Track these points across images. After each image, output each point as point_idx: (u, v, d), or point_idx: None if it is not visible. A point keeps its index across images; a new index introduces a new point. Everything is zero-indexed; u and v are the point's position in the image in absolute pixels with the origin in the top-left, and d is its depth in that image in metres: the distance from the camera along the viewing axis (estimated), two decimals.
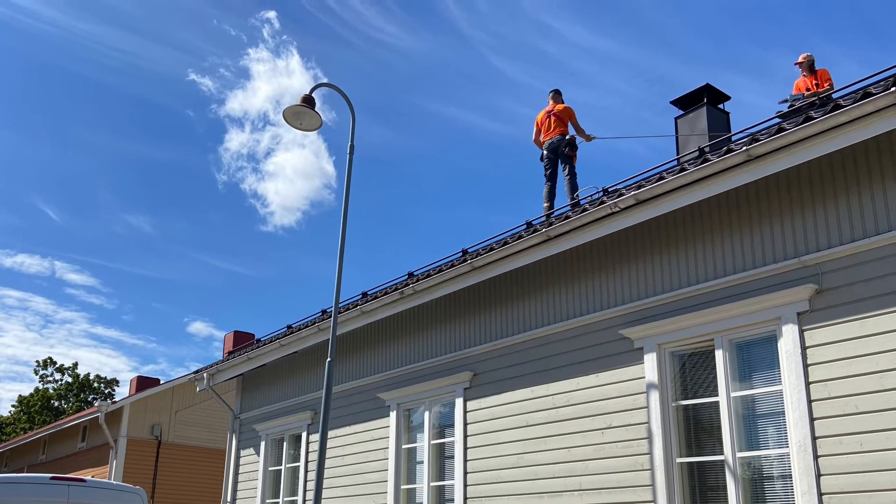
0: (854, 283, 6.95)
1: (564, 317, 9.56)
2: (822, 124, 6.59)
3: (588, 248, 9.39)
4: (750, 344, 7.79)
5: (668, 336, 8.36)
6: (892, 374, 6.55)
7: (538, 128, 13.04)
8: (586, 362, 9.16)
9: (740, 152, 7.14)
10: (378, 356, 12.68)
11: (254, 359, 14.88)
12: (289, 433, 14.62)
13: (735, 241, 7.95)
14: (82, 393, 55.43)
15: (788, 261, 7.44)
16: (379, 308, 11.68)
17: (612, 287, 9.11)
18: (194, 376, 16.81)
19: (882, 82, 6.44)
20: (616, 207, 8.31)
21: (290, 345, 13.79)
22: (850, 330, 6.90)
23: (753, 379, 7.69)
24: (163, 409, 27.38)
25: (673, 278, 8.48)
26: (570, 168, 12.45)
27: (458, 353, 11.00)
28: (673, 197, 7.91)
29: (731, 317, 7.80)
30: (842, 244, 7.08)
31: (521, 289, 10.28)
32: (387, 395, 12.07)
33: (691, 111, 12.76)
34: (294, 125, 9.81)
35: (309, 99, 9.82)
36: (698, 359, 8.21)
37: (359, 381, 12.89)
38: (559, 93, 13.16)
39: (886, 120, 6.28)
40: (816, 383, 7.03)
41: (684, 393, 8.27)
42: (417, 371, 11.71)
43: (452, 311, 11.33)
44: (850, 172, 7.14)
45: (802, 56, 12.24)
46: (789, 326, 7.30)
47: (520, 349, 10.08)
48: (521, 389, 9.89)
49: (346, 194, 9.81)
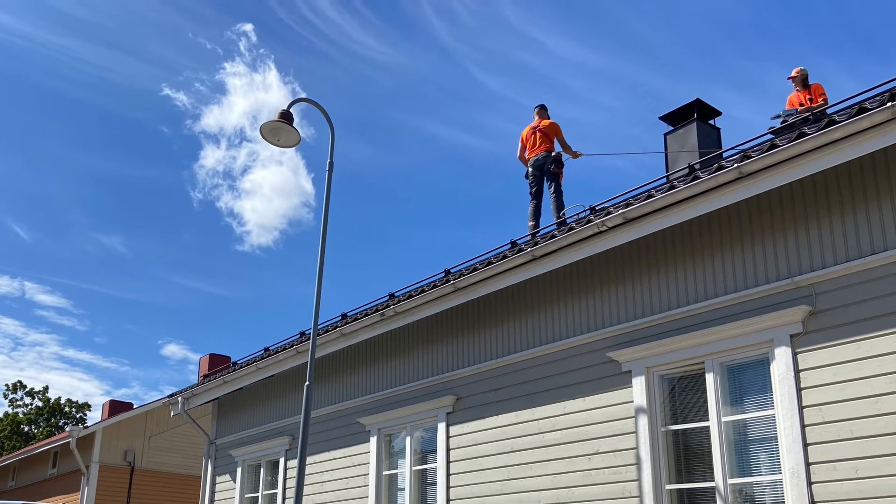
0: (849, 305, 6.92)
1: (550, 339, 9.52)
2: (816, 140, 6.56)
3: (575, 268, 9.35)
4: (741, 367, 7.76)
5: (657, 359, 8.32)
6: (889, 399, 6.51)
7: (523, 144, 13.02)
8: (573, 386, 9.10)
9: (731, 169, 7.11)
10: (358, 380, 12.61)
11: (230, 382, 14.80)
12: (266, 459, 14.52)
13: (726, 261, 7.92)
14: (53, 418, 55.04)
15: (781, 281, 7.40)
16: (359, 330, 11.61)
17: (599, 308, 9.07)
18: (168, 400, 16.73)
19: (878, 97, 6.44)
20: (603, 226, 8.26)
21: (268, 368, 13.70)
22: (845, 353, 6.86)
23: (745, 403, 7.64)
24: (136, 434, 27.27)
25: (662, 299, 8.44)
26: (557, 186, 12.44)
27: (440, 376, 10.95)
28: (662, 215, 7.86)
29: (722, 339, 7.76)
30: (836, 264, 7.05)
31: (505, 310, 10.23)
32: (367, 419, 11.99)
33: (681, 127, 12.77)
34: (271, 141, 9.75)
35: (287, 114, 9.76)
36: (688, 382, 8.16)
37: (338, 406, 12.83)
38: (545, 108, 13.17)
39: (882, 136, 6.27)
40: (810, 408, 6.98)
41: (674, 418, 8.22)
42: (399, 395, 11.65)
43: (435, 333, 11.28)
44: (845, 190, 7.12)
45: (796, 70, 12.25)
46: (782, 349, 7.26)
47: (504, 373, 10.02)
48: (505, 414, 9.83)
49: (326, 213, 9.79)
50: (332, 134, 10.08)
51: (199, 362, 23.62)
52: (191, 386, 15.99)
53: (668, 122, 13.02)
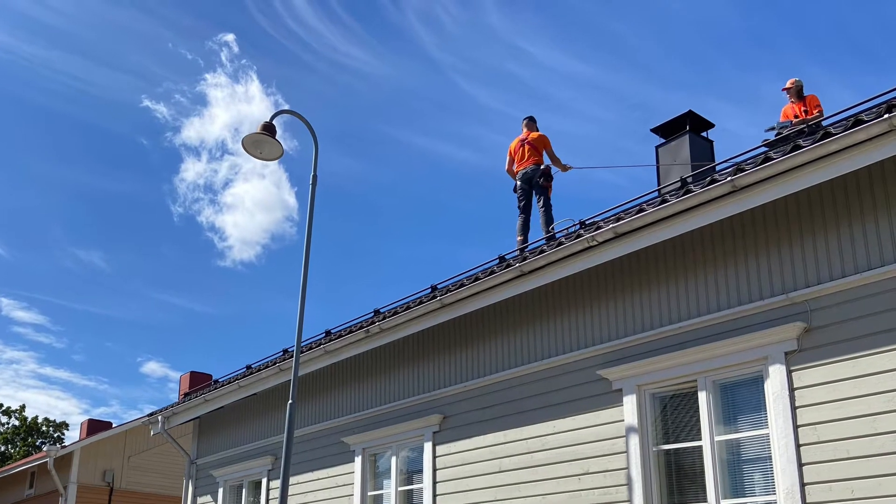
0: (845, 321, 6.90)
1: (539, 356, 9.49)
2: (812, 153, 6.55)
3: (564, 284, 9.32)
4: (735, 385, 7.75)
5: (648, 377, 8.29)
6: (886, 418, 6.49)
7: (511, 157, 12.99)
8: (562, 404, 9.07)
9: (725, 183, 7.10)
10: (342, 398, 12.58)
11: (211, 401, 14.76)
12: (248, 479, 14.48)
13: (719, 276, 7.91)
14: (30, 437, 54.63)
15: (776, 297, 7.39)
16: (343, 347, 11.57)
17: (589, 325, 9.05)
18: (148, 419, 16.67)
19: (874, 109, 6.45)
20: (594, 241, 8.24)
21: (250, 386, 13.66)
22: (841, 370, 6.85)
23: (739, 422, 7.62)
24: (115, 453, 27.12)
25: (654, 316, 8.43)
26: (545, 199, 12.41)
27: (426, 394, 10.92)
28: (654, 230, 7.85)
29: (715, 357, 7.74)
30: (832, 280, 7.03)
31: (493, 327, 10.20)
32: (352, 439, 11.94)
33: (673, 139, 12.77)
34: (254, 154, 9.75)
35: (269, 127, 9.74)
36: (680, 401, 8.14)
37: (322, 425, 12.79)
38: (533, 120, 13.15)
39: (879, 149, 6.26)
40: (805, 427, 6.95)
41: (665, 437, 8.20)
42: (384, 414, 11.62)
43: (421, 350, 11.25)
44: (840, 204, 7.11)
45: (790, 81, 12.30)
46: (776, 367, 7.24)
47: (492, 391, 9.99)
48: (493, 433, 9.80)
49: (309, 227, 9.76)
50: (316, 146, 10.06)
51: (179, 380, 23.58)
52: (171, 405, 15.97)
53: (659, 134, 13.04)
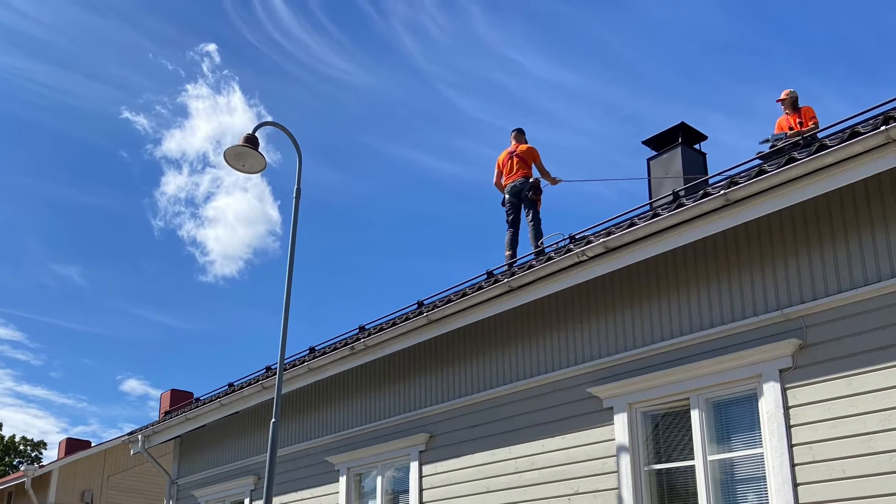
0: (841, 338, 6.89)
1: (528, 374, 9.47)
2: (807, 166, 6.55)
3: (554, 300, 9.30)
4: (728, 403, 7.73)
5: (639, 395, 8.28)
6: (882, 437, 6.49)
7: (500, 170, 12.98)
8: (551, 423, 9.05)
9: (718, 196, 7.10)
10: (327, 416, 12.55)
11: (192, 419, 14.72)
12: (230, 500, 14.43)
13: (712, 292, 7.90)
14: (7, 456, 54.55)
15: (770, 313, 7.38)
16: (328, 364, 11.56)
17: (579, 342, 9.03)
18: (128, 438, 16.63)
19: (871, 121, 6.46)
20: (584, 256, 8.23)
21: (232, 404, 13.64)
22: (837, 388, 6.84)
23: (732, 441, 7.60)
24: (94, 473, 27.06)
25: (645, 332, 8.41)
26: (535, 213, 12.40)
27: (413, 413, 10.89)
28: (645, 244, 7.84)
29: (707, 374, 7.73)
30: (828, 295, 7.02)
31: (481, 344, 10.18)
32: (336, 458, 11.91)
33: (665, 152, 12.78)
34: (236, 167, 9.77)
35: (252, 139, 9.75)
36: (672, 419, 8.13)
37: (306, 444, 12.76)
38: (522, 132, 13.15)
39: (875, 161, 6.26)
40: (800, 446, 6.94)
41: (657, 456, 8.18)
42: (369, 433, 11.59)
43: (407, 367, 11.23)
44: (836, 218, 7.11)
45: (785, 92, 12.32)
46: (771, 384, 7.23)
47: (480, 409, 9.97)
48: (481, 452, 9.77)
49: (293, 242, 9.77)
50: (300, 159, 10.08)
51: (160, 398, 23.66)
52: (151, 423, 15.95)
53: (651, 146, 13.05)
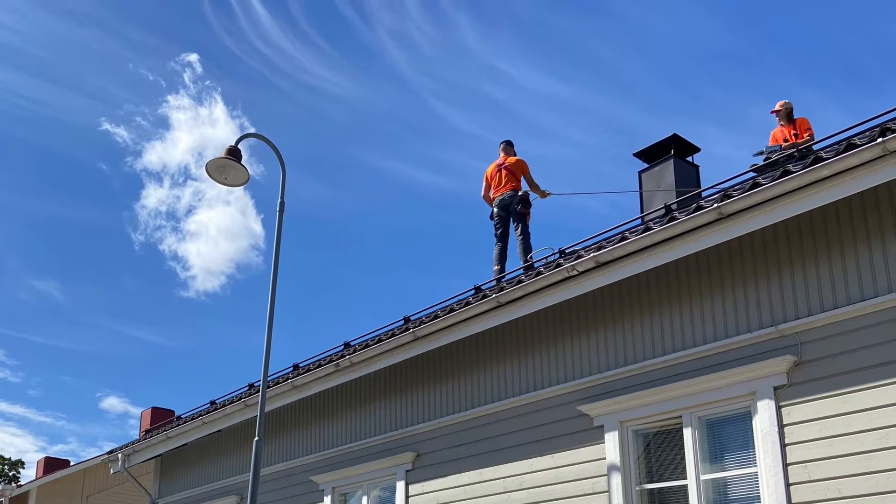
0: (837, 355, 6.87)
1: (517, 392, 9.44)
2: (802, 179, 6.53)
3: (543, 315, 9.28)
4: (721, 422, 7.72)
5: (631, 413, 8.26)
6: (879, 456, 6.46)
7: (488, 182, 12.96)
8: (541, 442, 9.03)
9: (711, 210, 7.08)
10: (311, 435, 12.52)
11: (174, 438, 14.69)
12: None
13: (705, 307, 7.89)
14: None
15: (764, 330, 7.36)
16: (312, 382, 11.51)
17: (569, 359, 9.00)
18: (108, 457, 16.55)
19: (867, 132, 6.45)
20: (574, 271, 8.20)
21: (214, 422, 13.62)
22: (833, 406, 6.81)
23: (725, 460, 7.58)
24: (73, 493, 26.91)
25: (636, 349, 8.40)
26: (523, 227, 12.37)
27: (399, 431, 10.86)
28: (637, 259, 7.82)
29: (700, 392, 7.71)
30: (823, 311, 7.00)
31: (469, 361, 10.16)
32: (321, 478, 11.89)
33: (657, 164, 12.81)
34: (218, 180, 9.75)
35: (234, 151, 9.72)
36: (664, 438, 8.11)
37: (290, 463, 12.73)
38: (511, 144, 13.14)
39: (872, 174, 6.24)
40: (795, 465, 6.92)
41: (649, 476, 8.16)
42: (354, 451, 11.55)
43: (393, 385, 11.20)
44: (832, 232, 7.10)
45: (780, 103, 12.34)
46: (765, 402, 7.21)
47: (467, 427, 9.95)
48: (468, 472, 9.75)
49: (276, 256, 9.74)
50: (283, 171, 10.09)
51: (140, 416, 23.61)
52: (132, 442, 15.94)
53: (642, 158, 13.08)
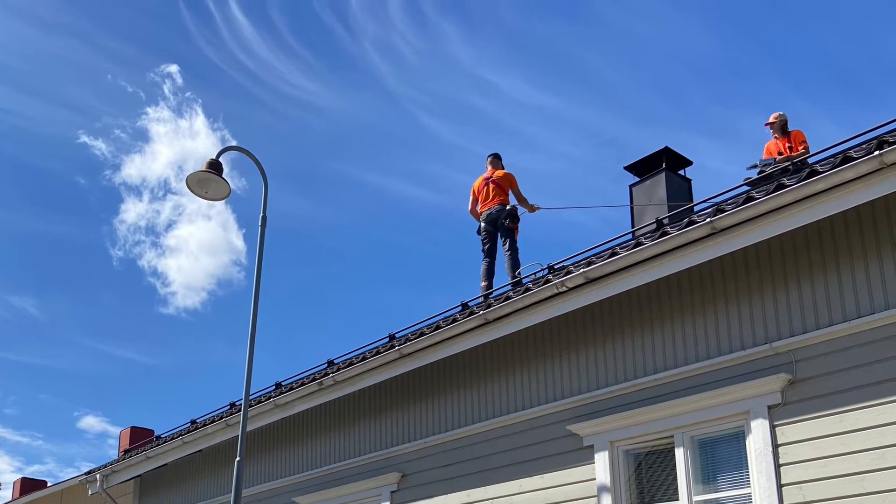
0: (832, 373, 6.85)
1: (505, 411, 9.40)
2: (796, 193, 6.52)
3: (532, 333, 9.24)
4: (714, 441, 7.70)
5: (621, 433, 8.22)
6: (875, 476, 6.44)
7: (475, 196, 12.96)
8: (530, 462, 8.99)
9: (704, 224, 7.07)
10: (294, 455, 12.47)
11: (153, 458, 14.57)
12: None
13: (698, 325, 7.87)
14: None
15: (758, 347, 7.34)
16: (295, 401, 11.46)
17: (558, 377, 8.97)
18: (86, 478, 16.45)
19: (864, 145, 6.46)
20: (563, 287, 8.18)
21: (195, 442, 13.51)
22: (828, 426, 6.79)
23: (718, 481, 7.55)
24: None
25: (627, 367, 8.37)
26: (512, 242, 12.36)
27: (384, 451, 10.80)
28: (627, 275, 7.80)
29: (692, 411, 7.68)
30: (818, 328, 6.98)
31: (455, 379, 10.12)
32: (304, 499, 11.83)
33: (648, 178, 12.78)
34: (199, 194, 9.73)
35: (215, 164, 9.69)
36: (656, 458, 8.08)
37: (272, 484, 12.68)
38: (498, 157, 13.15)
39: (868, 188, 6.23)
40: (789, 486, 6.89)
41: (640, 497, 8.13)
42: (339, 472, 11.49)
43: (378, 404, 11.15)
44: (827, 247, 7.09)
45: (774, 116, 12.34)
46: (759, 421, 7.19)
47: (454, 447, 9.90)
48: (455, 493, 9.69)
49: (258, 272, 9.74)
50: (265, 185, 10.08)
51: (119, 436, 23.50)
52: (110, 462, 15.82)
53: (633, 172, 13.07)
